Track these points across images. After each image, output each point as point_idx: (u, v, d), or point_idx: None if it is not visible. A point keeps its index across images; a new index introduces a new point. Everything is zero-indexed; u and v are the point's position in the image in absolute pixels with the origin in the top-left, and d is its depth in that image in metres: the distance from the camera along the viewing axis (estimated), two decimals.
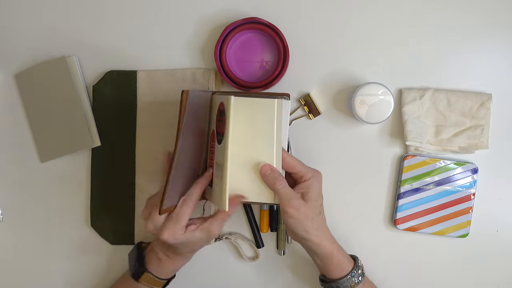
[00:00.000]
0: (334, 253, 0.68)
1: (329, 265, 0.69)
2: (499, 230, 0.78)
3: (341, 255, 0.69)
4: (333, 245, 0.69)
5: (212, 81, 0.77)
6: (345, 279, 0.68)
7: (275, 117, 0.64)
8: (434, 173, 0.76)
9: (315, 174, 0.67)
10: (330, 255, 0.68)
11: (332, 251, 0.68)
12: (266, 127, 0.64)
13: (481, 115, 0.76)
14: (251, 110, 0.65)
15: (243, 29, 0.75)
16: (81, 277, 0.81)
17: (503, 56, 0.78)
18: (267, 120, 0.64)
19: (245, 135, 0.65)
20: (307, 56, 0.78)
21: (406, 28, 0.78)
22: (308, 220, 0.65)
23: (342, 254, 0.70)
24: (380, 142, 0.78)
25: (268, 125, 0.64)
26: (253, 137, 0.65)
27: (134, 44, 0.79)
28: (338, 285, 0.68)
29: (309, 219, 0.66)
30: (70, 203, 0.80)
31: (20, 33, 0.80)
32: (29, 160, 0.80)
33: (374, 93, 0.72)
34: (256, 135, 0.65)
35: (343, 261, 0.69)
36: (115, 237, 0.79)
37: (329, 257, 0.68)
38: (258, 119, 0.65)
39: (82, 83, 0.78)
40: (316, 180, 0.67)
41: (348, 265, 0.69)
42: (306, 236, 0.66)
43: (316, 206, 0.67)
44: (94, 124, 0.78)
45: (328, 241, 0.68)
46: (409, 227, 0.77)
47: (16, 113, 0.80)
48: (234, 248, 0.80)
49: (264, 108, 0.64)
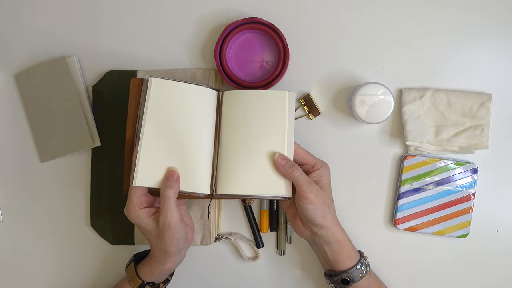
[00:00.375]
0: (346, 241, 0.70)
1: (340, 254, 0.69)
2: (499, 230, 0.78)
3: (351, 244, 0.71)
4: (344, 234, 0.70)
5: (212, 81, 0.77)
6: (355, 269, 0.69)
7: (287, 108, 0.67)
8: (434, 173, 0.76)
9: (324, 164, 0.70)
10: (342, 243, 0.69)
11: (344, 239, 0.70)
12: (277, 118, 0.67)
13: (481, 115, 0.76)
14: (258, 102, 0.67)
15: (243, 29, 0.75)
16: (81, 277, 0.81)
17: (503, 56, 0.78)
18: (279, 111, 0.67)
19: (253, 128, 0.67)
20: (307, 56, 0.78)
21: (406, 28, 0.78)
22: (325, 206, 0.67)
23: (351, 244, 0.71)
24: (380, 142, 0.78)
25: (280, 116, 0.67)
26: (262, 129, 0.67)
27: (134, 44, 0.79)
28: (348, 275, 0.69)
29: (326, 204, 0.67)
30: (70, 203, 0.80)
31: (20, 33, 0.80)
32: (29, 160, 0.80)
33: (374, 93, 0.72)
34: (267, 127, 0.67)
35: (353, 251, 0.71)
36: (115, 237, 0.79)
37: (341, 245, 0.69)
38: (269, 111, 0.67)
39: (82, 83, 0.78)
40: (326, 169, 0.69)
41: (356, 255, 0.71)
42: (323, 223, 0.67)
43: (329, 193, 0.69)
44: (94, 124, 0.78)
45: (340, 229, 0.70)
46: (409, 227, 0.77)
47: (16, 113, 0.80)
48: (234, 248, 0.80)
49: (275, 100, 0.67)
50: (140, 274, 0.70)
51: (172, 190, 0.65)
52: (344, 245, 0.69)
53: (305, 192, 0.65)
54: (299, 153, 0.68)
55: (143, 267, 0.70)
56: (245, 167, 0.67)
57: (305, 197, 0.65)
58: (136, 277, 0.69)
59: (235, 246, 0.80)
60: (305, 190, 0.65)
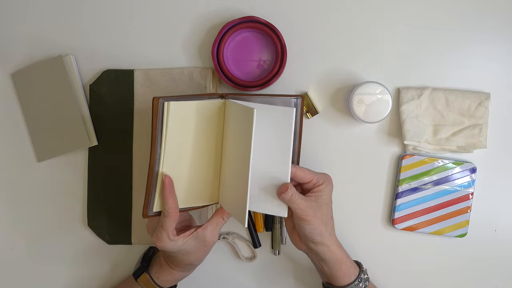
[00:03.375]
0: (344, 259, 0.68)
1: (337, 271, 0.68)
2: (497, 229, 0.78)
3: (349, 261, 0.69)
4: (342, 251, 0.69)
5: (209, 80, 0.77)
6: (353, 285, 0.67)
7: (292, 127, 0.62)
8: (432, 173, 0.76)
9: (327, 179, 0.67)
10: (340, 261, 0.68)
11: (342, 257, 0.68)
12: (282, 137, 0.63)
13: (480, 114, 0.75)
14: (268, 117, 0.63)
15: (240, 28, 0.75)
16: (78, 277, 0.81)
17: (501, 55, 0.78)
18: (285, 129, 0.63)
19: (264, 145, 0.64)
20: (305, 55, 0.78)
21: (404, 27, 0.77)
22: (323, 225, 0.65)
23: (350, 260, 0.69)
24: (378, 141, 0.78)
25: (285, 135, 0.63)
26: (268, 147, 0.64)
27: (131, 43, 0.79)
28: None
29: (324, 223, 0.66)
30: (66, 202, 0.80)
31: (17, 32, 0.80)
32: (26, 160, 0.80)
33: (372, 92, 0.72)
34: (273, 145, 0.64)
35: (351, 267, 0.69)
36: (111, 236, 0.79)
37: (339, 263, 0.67)
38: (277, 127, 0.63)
39: (79, 82, 0.78)
40: (328, 185, 0.66)
41: (355, 270, 0.69)
42: (321, 240, 0.66)
43: (328, 210, 0.67)
44: (91, 123, 0.78)
45: (338, 248, 0.68)
46: (407, 227, 0.77)
47: (12, 112, 0.80)
48: (231, 248, 0.80)
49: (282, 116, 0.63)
50: (159, 282, 0.71)
51: (226, 217, 0.67)
52: (342, 262, 0.68)
53: (303, 216, 0.64)
54: (299, 175, 0.65)
55: (154, 273, 0.71)
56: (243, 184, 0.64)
57: (303, 219, 0.64)
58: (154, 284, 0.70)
59: (232, 246, 0.80)
60: (303, 214, 0.64)
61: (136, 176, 0.78)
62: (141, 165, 0.78)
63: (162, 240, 0.63)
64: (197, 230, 0.66)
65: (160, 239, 0.63)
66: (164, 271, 0.70)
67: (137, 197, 0.78)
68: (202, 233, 0.66)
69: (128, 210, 0.78)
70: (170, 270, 0.70)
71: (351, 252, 0.73)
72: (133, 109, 0.78)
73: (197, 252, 0.67)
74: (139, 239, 0.79)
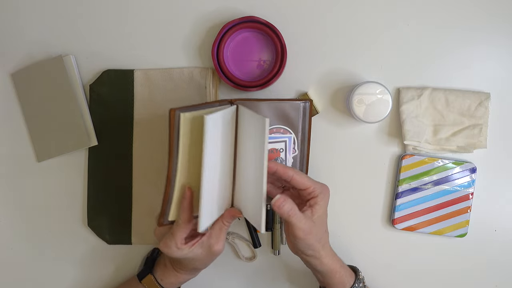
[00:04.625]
0: (337, 269, 0.68)
1: (331, 280, 0.68)
2: (497, 229, 0.78)
3: (343, 270, 0.68)
4: (336, 262, 0.68)
5: (209, 80, 0.77)
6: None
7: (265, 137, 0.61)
8: (432, 173, 0.76)
9: (323, 190, 0.65)
10: (333, 272, 0.67)
11: (334, 268, 0.67)
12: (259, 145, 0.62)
13: (480, 114, 0.75)
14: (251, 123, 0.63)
15: (240, 28, 0.75)
16: (78, 277, 0.81)
17: (501, 55, 0.78)
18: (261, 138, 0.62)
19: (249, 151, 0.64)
20: (305, 55, 0.78)
21: (404, 27, 0.77)
22: (316, 240, 0.65)
23: (344, 269, 0.69)
24: (378, 141, 0.78)
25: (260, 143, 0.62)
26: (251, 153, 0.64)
27: (131, 43, 0.79)
28: None
29: (317, 239, 0.65)
30: (66, 202, 0.80)
31: (17, 32, 0.80)
32: (26, 160, 0.80)
33: (372, 92, 0.72)
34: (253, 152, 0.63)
35: (345, 277, 0.68)
36: (111, 236, 0.79)
37: (332, 273, 0.67)
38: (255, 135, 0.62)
39: (79, 82, 0.78)
40: (324, 197, 0.65)
41: (350, 279, 0.68)
42: (313, 254, 0.66)
43: (323, 224, 0.66)
44: (91, 123, 0.78)
45: (331, 259, 0.67)
46: (407, 227, 0.77)
47: (12, 112, 0.80)
48: (231, 248, 0.80)
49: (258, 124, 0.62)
50: (163, 284, 0.71)
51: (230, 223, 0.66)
52: (335, 272, 0.67)
53: (296, 230, 0.62)
54: (295, 179, 0.64)
55: (158, 274, 0.71)
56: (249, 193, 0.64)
57: (294, 234, 0.63)
58: (159, 285, 0.70)
59: (232, 246, 0.80)
60: (296, 229, 0.62)
61: (136, 176, 0.78)
62: (140, 165, 0.78)
63: (170, 247, 0.64)
64: (202, 238, 0.65)
65: (168, 246, 0.64)
66: (169, 273, 0.70)
67: (137, 197, 0.78)
68: (208, 241, 0.65)
69: (128, 210, 0.78)
70: (175, 273, 0.70)
71: (351, 253, 0.73)
72: (133, 109, 0.78)
73: (203, 259, 0.67)
74: (139, 239, 0.78)
